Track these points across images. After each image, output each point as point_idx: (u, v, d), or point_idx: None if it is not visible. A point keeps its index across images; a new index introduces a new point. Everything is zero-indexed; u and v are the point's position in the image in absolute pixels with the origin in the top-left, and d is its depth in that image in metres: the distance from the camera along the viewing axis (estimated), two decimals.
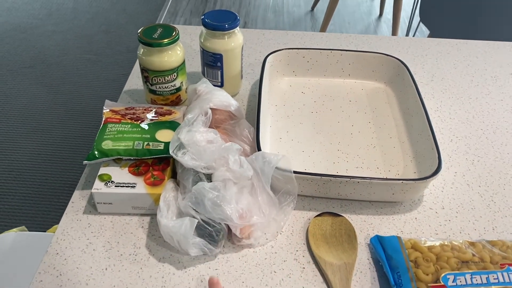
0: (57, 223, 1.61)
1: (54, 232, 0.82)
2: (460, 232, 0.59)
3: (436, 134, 0.74)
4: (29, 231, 0.87)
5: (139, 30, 0.69)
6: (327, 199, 0.63)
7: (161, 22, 2.55)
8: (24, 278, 0.65)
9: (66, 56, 2.25)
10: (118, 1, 2.75)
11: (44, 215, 1.50)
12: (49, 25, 2.48)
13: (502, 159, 0.70)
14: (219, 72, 0.75)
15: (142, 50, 0.68)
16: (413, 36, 2.43)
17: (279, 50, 0.81)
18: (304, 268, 0.54)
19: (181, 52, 0.70)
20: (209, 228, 0.53)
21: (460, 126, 0.76)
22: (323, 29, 2.41)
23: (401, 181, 0.57)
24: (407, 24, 2.49)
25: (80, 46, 2.33)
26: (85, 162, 0.59)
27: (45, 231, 0.84)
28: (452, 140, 0.74)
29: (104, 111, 0.67)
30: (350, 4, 2.87)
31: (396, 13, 2.36)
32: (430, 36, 1.86)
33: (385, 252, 0.54)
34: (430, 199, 0.64)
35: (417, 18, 2.00)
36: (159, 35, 0.68)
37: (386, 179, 0.58)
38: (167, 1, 2.78)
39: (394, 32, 2.43)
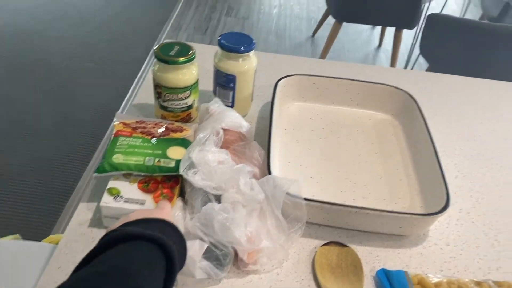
0: (50, 231, 1.54)
1: (50, 243, 0.80)
2: (465, 270, 0.59)
3: None
4: (23, 239, 0.85)
5: (156, 47, 0.69)
6: (333, 228, 0.63)
7: (164, 36, 2.57)
8: None
9: (67, 63, 2.24)
10: (123, 11, 2.77)
11: (37, 221, 1.47)
12: (53, 31, 2.48)
13: (507, 198, 0.71)
14: (231, 93, 0.76)
15: (157, 66, 0.69)
16: (412, 68, 2.47)
17: (291, 75, 0.82)
18: None
19: (196, 71, 0.71)
20: (217, 251, 0.53)
21: (464, 163, 0.77)
22: (323, 55, 2.44)
23: (411, 215, 0.57)
24: (406, 56, 2.53)
25: (82, 54, 2.33)
26: (95, 174, 0.58)
27: (39, 240, 0.82)
28: (457, 176, 0.74)
29: (114, 123, 0.67)
30: (351, 32, 2.91)
31: (396, 44, 2.40)
32: (428, 69, 1.89)
33: (391, 287, 0.54)
34: (435, 234, 0.64)
35: (416, 50, 2.04)
36: (176, 53, 0.68)
37: (396, 212, 0.58)
38: (171, 15, 2.80)
39: (393, 63, 2.47)
